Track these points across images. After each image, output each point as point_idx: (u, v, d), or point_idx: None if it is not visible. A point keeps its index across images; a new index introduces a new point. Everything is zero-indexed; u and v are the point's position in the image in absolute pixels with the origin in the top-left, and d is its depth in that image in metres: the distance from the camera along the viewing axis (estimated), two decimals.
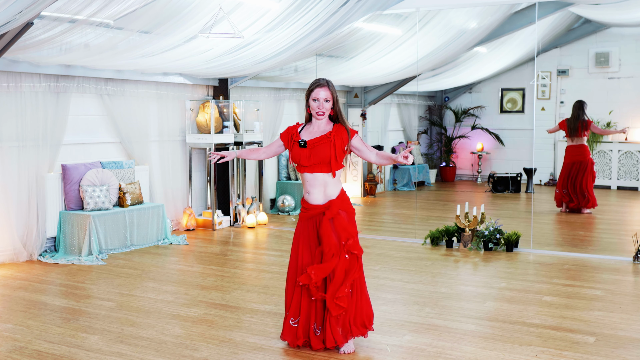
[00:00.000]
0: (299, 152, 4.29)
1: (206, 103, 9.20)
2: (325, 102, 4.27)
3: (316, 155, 4.24)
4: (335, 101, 4.31)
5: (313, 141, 4.27)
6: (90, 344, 4.60)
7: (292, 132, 4.39)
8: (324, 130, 4.32)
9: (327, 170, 4.27)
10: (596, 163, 13.35)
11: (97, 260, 7.14)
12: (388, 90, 12.29)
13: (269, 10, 7.34)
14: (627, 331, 4.85)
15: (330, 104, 4.29)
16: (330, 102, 4.28)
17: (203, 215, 9.35)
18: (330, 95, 4.27)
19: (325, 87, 4.27)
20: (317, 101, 4.27)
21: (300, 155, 4.28)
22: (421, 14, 9.25)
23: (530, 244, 7.82)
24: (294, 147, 4.32)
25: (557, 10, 9.38)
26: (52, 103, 7.47)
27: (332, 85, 4.31)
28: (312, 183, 4.31)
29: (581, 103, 10.47)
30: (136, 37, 7.15)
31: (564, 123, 10.63)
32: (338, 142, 4.26)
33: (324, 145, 4.25)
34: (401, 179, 13.56)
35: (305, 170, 4.30)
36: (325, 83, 4.28)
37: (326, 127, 4.34)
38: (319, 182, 4.30)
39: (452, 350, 4.45)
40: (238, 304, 5.57)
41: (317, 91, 4.27)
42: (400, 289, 6.04)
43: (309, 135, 4.34)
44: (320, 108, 4.27)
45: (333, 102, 4.30)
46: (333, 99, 4.29)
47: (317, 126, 4.35)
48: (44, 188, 7.40)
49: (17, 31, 5.69)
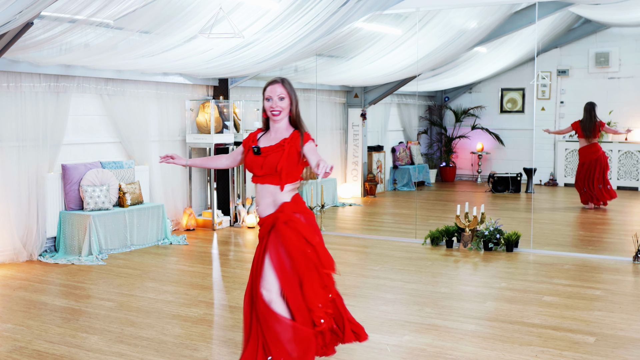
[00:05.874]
0: (252, 159, 3.81)
1: (206, 103, 9.20)
2: (280, 100, 3.77)
3: (268, 165, 3.75)
4: (293, 101, 3.82)
5: (267, 149, 3.78)
6: (90, 344, 4.60)
7: (252, 138, 3.92)
8: (282, 136, 3.82)
9: (277, 183, 3.77)
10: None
11: (97, 260, 7.14)
12: (388, 90, 12.29)
13: (269, 10, 7.34)
14: (627, 331, 4.85)
15: (286, 102, 3.78)
16: (286, 99, 3.78)
17: (203, 215, 9.35)
18: (286, 93, 3.78)
19: (279, 84, 3.78)
20: (271, 100, 3.78)
21: (253, 164, 3.81)
22: (421, 14, 9.25)
23: (530, 244, 7.82)
24: (249, 153, 3.84)
25: (557, 10, 9.38)
26: (52, 103, 7.47)
27: (289, 84, 3.83)
28: (262, 194, 3.82)
29: (593, 105, 10.85)
30: (136, 37, 7.15)
31: (577, 125, 10.92)
32: (292, 152, 3.76)
33: (277, 155, 3.75)
34: (401, 179, 13.56)
35: (258, 180, 3.82)
36: (279, 80, 3.81)
37: (285, 133, 3.83)
38: (269, 193, 3.80)
39: (452, 350, 4.45)
40: (238, 304, 5.56)
41: (270, 89, 3.79)
42: (400, 289, 6.04)
43: (267, 141, 3.84)
44: (274, 106, 3.77)
45: (291, 101, 3.81)
46: (290, 98, 3.80)
47: (276, 131, 3.84)
48: (44, 188, 7.39)
49: (17, 31, 5.69)
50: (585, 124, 10.72)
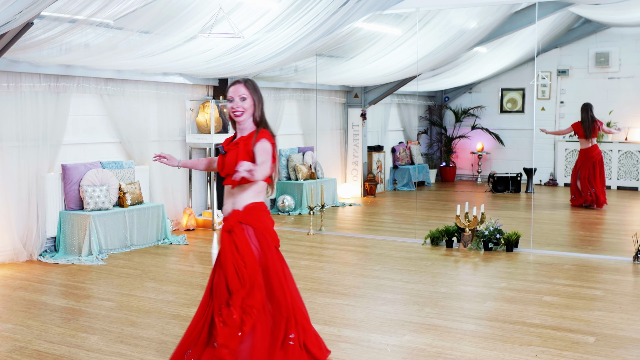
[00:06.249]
0: (220, 160, 3.77)
1: (206, 103, 9.20)
2: (242, 101, 3.66)
3: (227, 165, 3.69)
4: (255, 102, 3.69)
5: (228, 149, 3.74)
6: (90, 344, 4.60)
7: (226, 141, 3.84)
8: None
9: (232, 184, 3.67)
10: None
11: (97, 260, 7.14)
12: (388, 90, 12.29)
13: (269, 10, 7.35)
14: (627, 331, 4.85)
15: (248, 102, 3.66)
16: (248, 100, 3.66)
17: (203, 215, 9.35)
18: (248, 94, 3.66)
19: (241, 84, 3.67)
20: (232, 101, 3.67)
21: (219, 165, 3.77)
22: (421, 14, 9.25)
23: (530, 244, 7.82)
24: (219, 155, 3.82)
25: (557, 10, 9.39)
26: (52, 103, 7.47)
27: (252, 84, 3.71)
28: (225, 195, 3.72)
29: (590, 105, 10.85)
30: (136, 37, 7.15)
31: (578, 125, 10.92)
32: (244, 152, 3.63)
33: (232, 154, 3.68)
34: (401, 179, 13.56)
35: (225, 181, 3.73)
36: (242, 80, 3.69)
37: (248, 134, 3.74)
38: (230, 194, 3.69)
39: (452, 350, 4.45)
40: None
41: (232, 89, 3.68)
42: (400, 289, 6.04)
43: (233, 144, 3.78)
44: (235, 107, 3.66)
45: (253, 102, 3.68)
46: (252, 99, 3.68)
47: (241, 132, 3.75)
48: (44, 188, 7.39)
49: (17, 31, 5.69)
50: (586, 124, 10.77)
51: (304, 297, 5.70)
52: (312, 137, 11.55)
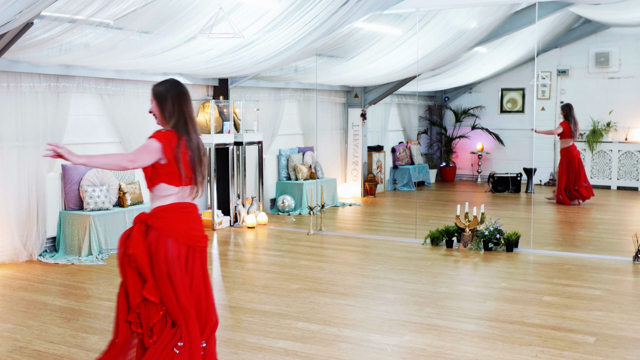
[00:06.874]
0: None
1: (206, 103, 9.20)
2: (151, 104, 3.66)
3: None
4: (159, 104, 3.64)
5: None
6: (90, 344, 4.59)
7: None
8: None
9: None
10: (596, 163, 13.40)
11: (97, 260, 7.14)
12: (388, 90, 12.29)
13: (269, 10, 7.35)
14: (627, 331, 4.85)
15: (153, 105, 3.66)
16: (153, 103, 3.65)
17: (203, 215, 9.35)
18: (152, 97, 3.64)
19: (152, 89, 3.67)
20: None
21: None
22: (421, 14, 9.25)
23: (530, 244, 7.82)
24: None
25: (557, 10, 9.38)
26: (52, 103, 7.47)
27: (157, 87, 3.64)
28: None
29: (572, 105, 11.30)
30: (136, 37, 7.15)
31: (567, 125, 11.15)
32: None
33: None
34: (401, 179, 13.57)
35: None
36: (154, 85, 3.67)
37: None
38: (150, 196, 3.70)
39: (452, 350, 4.45)
40: (238, 304, 5.56)
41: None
42: (400, 289, 6.04)
43: None
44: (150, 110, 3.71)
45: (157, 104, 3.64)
46: (155, 102, 3.64)
47: None
48: (44, 188, 7.39)
49: (17, 31, 5.69)
50: (574, 124, 11.14)
51: (304, 297, 5.72)
52: (312, 137, 11.55)
